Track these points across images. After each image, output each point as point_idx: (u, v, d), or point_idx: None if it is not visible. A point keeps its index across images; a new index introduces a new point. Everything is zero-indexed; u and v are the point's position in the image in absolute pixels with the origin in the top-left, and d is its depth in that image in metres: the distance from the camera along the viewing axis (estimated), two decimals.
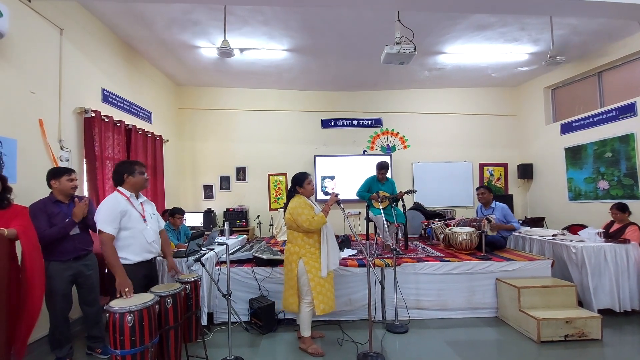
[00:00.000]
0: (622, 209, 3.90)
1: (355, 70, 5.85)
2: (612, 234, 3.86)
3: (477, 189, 4.41)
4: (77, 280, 2.62)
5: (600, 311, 3.24)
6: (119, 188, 2.49)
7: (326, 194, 2.94)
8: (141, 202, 2.55)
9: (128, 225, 2.37)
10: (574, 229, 4.71)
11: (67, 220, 2.53)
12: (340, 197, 2.87)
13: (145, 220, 2.48)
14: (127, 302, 2.05)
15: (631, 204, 4.13)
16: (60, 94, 3.41)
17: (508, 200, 6.50)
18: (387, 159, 6.58)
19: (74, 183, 2.62)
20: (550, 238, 4.04)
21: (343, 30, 4.46)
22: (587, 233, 3.86)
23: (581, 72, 5.58)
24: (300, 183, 2.86)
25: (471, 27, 4.43)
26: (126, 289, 2.22)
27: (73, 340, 2.73)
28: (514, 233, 4.29)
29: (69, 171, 2.64)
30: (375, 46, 4.65)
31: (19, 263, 2.25)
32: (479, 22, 4.29)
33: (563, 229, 4.62)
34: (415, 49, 3.50)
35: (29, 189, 2.85)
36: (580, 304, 3.38)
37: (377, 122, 6.97)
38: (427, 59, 5.43)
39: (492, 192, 4.33)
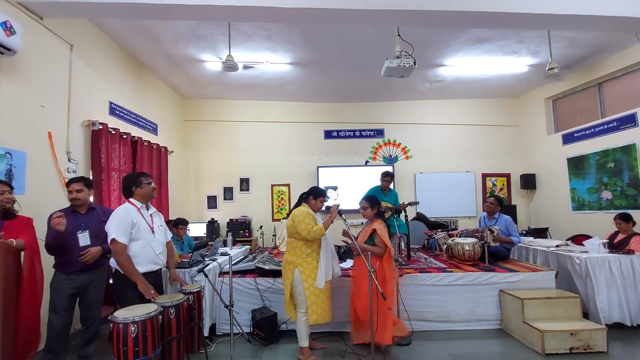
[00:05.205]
0: (626, 219, 3.88)
1: (357, 82, 5.95)
2: (616, 245, 3.83)
3: (489, 197, 4.40)
4: (78, 293, 2.54)
5: (606, 323, 3.19)
6: (130, 199, 2.53)
7: (327, 207, 2.95)
8: (151, 214, 2.59)
9: (137, 236, 2.41)
10: (578, 239, 4.68)
11: (79, 231, 2.51)
12: (343, 207, 2.91)
13: (153, 231, 2.52)
14: (131, 313, 2.07)
15: (635, 214, 4.12)
16: (69, 107, 3.51)
17: (511, 210, 6.48)
18: (389, 169, 6.61)
19: (70, 195, 2.56)
20: (554, 249, 4.02)
21: (344, 44, 4.56)
22: (591, 244, 3.84)
23: (581, 83, 5.63)
24: (316, 196, 2.91)
25: (470, 41, 4.51)
26: (152, 292, 2.30)
27: (68, 351, 2.67)
28: (516, 245, 4.26)
29: (70, 182, 2.60)
30: (376, 58, 4.73)
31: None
32: (477, 36, 4.38)
33: (567, 240, 4.59)
34: (415, 62, 3.58)
35: (37, 200, 2.91)
36: (586, 315, 3.34)
37: (379, 132, 7.03)
38: (428, 71, 5.52)
39: (500, 205, 4.31)
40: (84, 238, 2.51)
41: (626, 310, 3.37)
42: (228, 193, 6.78)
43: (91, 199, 3.74)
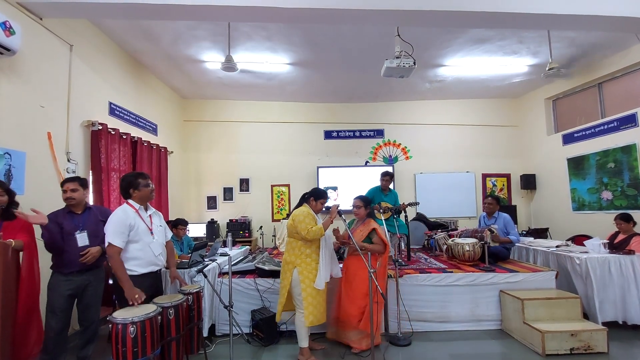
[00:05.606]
0: (626, 219, 3.87)
1: (357, 82, 5.94)
2: (617, 245, 3.82)
3: (486, 197, 4.41)
4: (76, 294, 2.53)
5: (606, 324, 3.18)
6: (129, 200, 2.51)
7: (327, 208, 2.96)
8: (150, 215, 2.57)
9: (136, 238, 2.40)
10: (579, 239, 4.68)
11: (77, 231, 2.51)
12: (343, 208, 2.92)
13: (152, 233, 2.51)
14: (130, 313, 2.07)
15: (635, 214, 4.11)
16: (69, 107, 3.50)
17: (511, 210, 6.48)
18: (389, 169, 6.61)
19: (65, 195, 2.54)
20: (554, 249, 4.01)
21: (344, 45, 4.56)
22: (591, 244, 3.84)
23: (581, 83, 5.63)
24: (317, 197, 2.92)
25: (470, 41, 4.51)
26: (136, 296, 2.25)
27: (67, 352, 2.64)
28: (516, 244, 4.26)
29: (65, 182, 2.59)
30: (376, 59, 4.73)
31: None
32: (477, 36, 4.37)
33: (567, 240, 4.58)
34: (414, 62, 3.57)
35: (36, 200, 2.90)
36: (586, 316, 3.34)
37: (379, 133, 7.03)
38: (428, 71, 5.51)
39: (499, 204, 4.32)
40: (82, 238, 2.49)
41: (627, 310, 3.37)
42: (228, 193, 6.77)
43: (91, 200, 3.79)
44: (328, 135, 7.00)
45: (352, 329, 2.96)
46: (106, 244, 2.32)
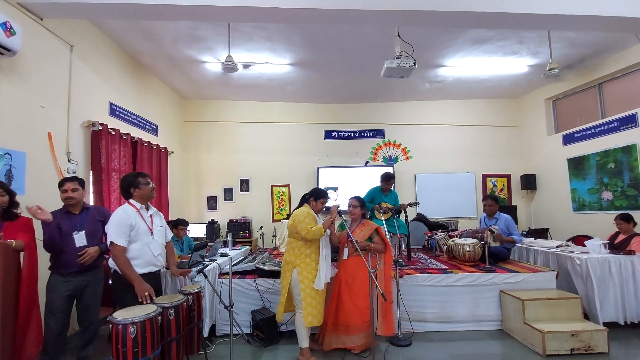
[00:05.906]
0: (627, 219, 3.88)
1: (357, 82, 5.95)
2: (617, 245, 3.82)
3: (484, 199, 4.40)
4: (75, 295, 2.52)
5: (605, 324, 3.19)
6: (129, 200, 2.51)
7: (327, 208, 2.97)
8: (150, 215, 2.58)
9: (136, 238, 2.40)
10: (579, 239, 4.68)
11: (75, 231, 2.51)
12: (343, 207, 2.91)
13: (152, 233, 2.51)
14: (130, 313, 2.07)
15: (636, 214, 4.11)
16: (69, 108, 3.51)
17: (512, 211, 6.47)
18: (389, 170, 6.60)
19: (65, 194, 2.53)
20: (555, 249, 4.01)
21: (345, 45, 4.56)
22: (592, 244, 3.84)
23: (582, 83, 5.63)
24: (317, 197, 2.93)
25: (470, 41, 4.51)
26: (146, 293, 2.27)
27: (67, 353, 2.62)
28: (517, 244, 4.26)
29: (63, 182, 2.58)
30: (376, 59, 4.73)
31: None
32: (477, 37, 4.38)
33: (568, 240, 4.58)
34: (414, 63, 3.58)
35: (36, 201, 2.89)
36: (586, 316, 3.33)
37: (379, 133, 7.03)
38: (428, 71, 5.51)
39: (498, 204, 4.32)
40: (80, 238, 2.49)
41: (627, 310, 3.37)
42: (228, 194, 6.77)
43: (91, 200, 3.79)
44: (328, 135, 7.01)
45: (357, 333, 2.86)
46: (109, 244, 2.33)
